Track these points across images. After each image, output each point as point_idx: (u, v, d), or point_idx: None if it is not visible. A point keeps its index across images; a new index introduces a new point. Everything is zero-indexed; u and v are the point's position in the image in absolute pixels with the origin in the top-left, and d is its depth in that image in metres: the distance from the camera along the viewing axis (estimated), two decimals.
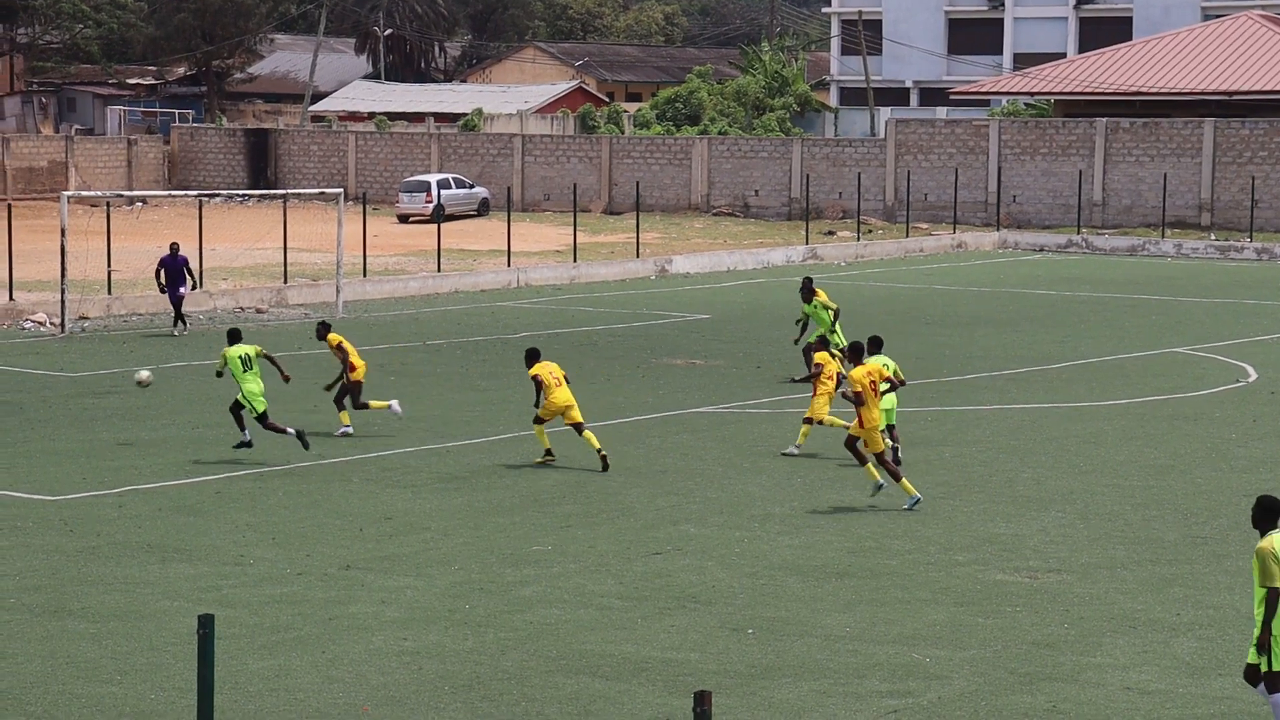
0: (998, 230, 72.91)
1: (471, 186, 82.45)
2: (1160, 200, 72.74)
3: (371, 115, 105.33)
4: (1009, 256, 66.92)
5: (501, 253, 58.94)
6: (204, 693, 9.74)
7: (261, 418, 26.02)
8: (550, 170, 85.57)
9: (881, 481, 23.31)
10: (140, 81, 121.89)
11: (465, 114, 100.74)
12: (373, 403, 28.78)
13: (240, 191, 78.05)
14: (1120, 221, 74.73)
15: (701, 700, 9.81)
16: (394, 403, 28.91)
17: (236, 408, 26.36)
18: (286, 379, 27.70)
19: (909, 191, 75.16)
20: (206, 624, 9.72)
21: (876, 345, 25.37)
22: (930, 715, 15.22)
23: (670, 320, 45.31)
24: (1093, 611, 18.43)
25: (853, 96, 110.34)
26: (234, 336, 27.05)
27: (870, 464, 23.31)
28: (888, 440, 25.59)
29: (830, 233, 73.92)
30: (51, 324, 43.01)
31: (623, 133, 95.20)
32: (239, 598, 18.60)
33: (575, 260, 58.45)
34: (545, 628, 17.64)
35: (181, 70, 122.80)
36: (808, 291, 33.37)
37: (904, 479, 23.38)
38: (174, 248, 41.84)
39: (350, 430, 28.30)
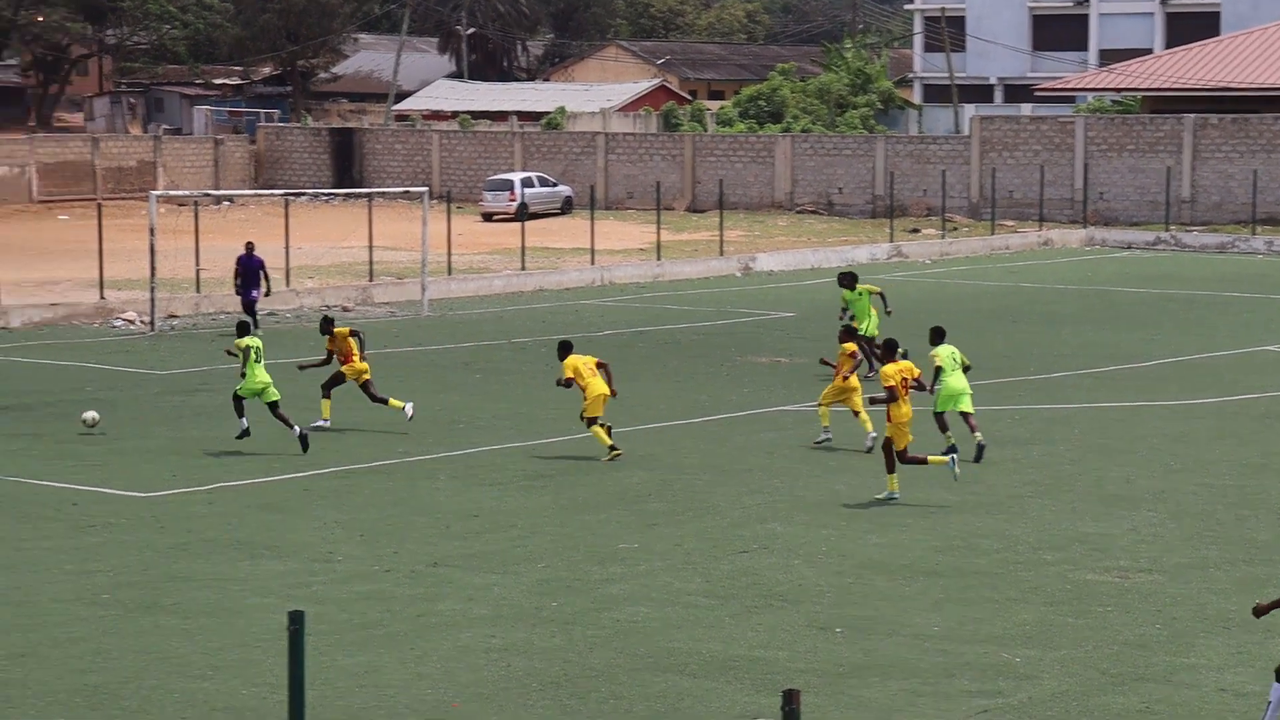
0: (1084, 227, 72.42)
1: (555, 185, 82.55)
2: (1250, 197, 72.03)
3: (455, 114, 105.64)
4: (1096, 254, 66.46)
5: (585, 251, 58.99)
6: (295, 689, 9.77)
7: (273, 405, 26.66)
8: (633, 168, 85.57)
9: (896, 495, 23.25)
10: (226, 81, 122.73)
11: (548, 112, 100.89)
12: (392, 400, 28.79)
13: (325, 190, 78.47)
14: (1209, 218, 74.07)
15: (790, 699, 9.76)
16: (409, 405, 28.66)
17: (238, 397, 26.86)
18: (301, 368, 29.52)
19: (994, 189, 74.74)
20: (297, 620, 9.76)
21: (939, 336, 26.06)
22: (1021, 715, 15.12)
23: (754, 318, 45.22)
24: (1185, 612, 18.27)
25: (936, 93, 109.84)
26: (244, 329, 27.81)
27: (896, 474, 23.32)
28: (977, 436, 25.75)
29: (915, 230, 73.62)
30: (141, 322, 43.35)
31: (705, 130, 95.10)
32: (328, 594, 18.68)
33: (659, 258, 58.44)
34: (632, 625, 17.64)
35: (267, 70, 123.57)
36: (849, 279, 33.86)
37: (895, 475, 23.23)
38: (249, 247, 41.84)
39: (327, 424, 28.35)
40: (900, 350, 24.25)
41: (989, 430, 27.07)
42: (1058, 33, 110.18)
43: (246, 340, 27.00)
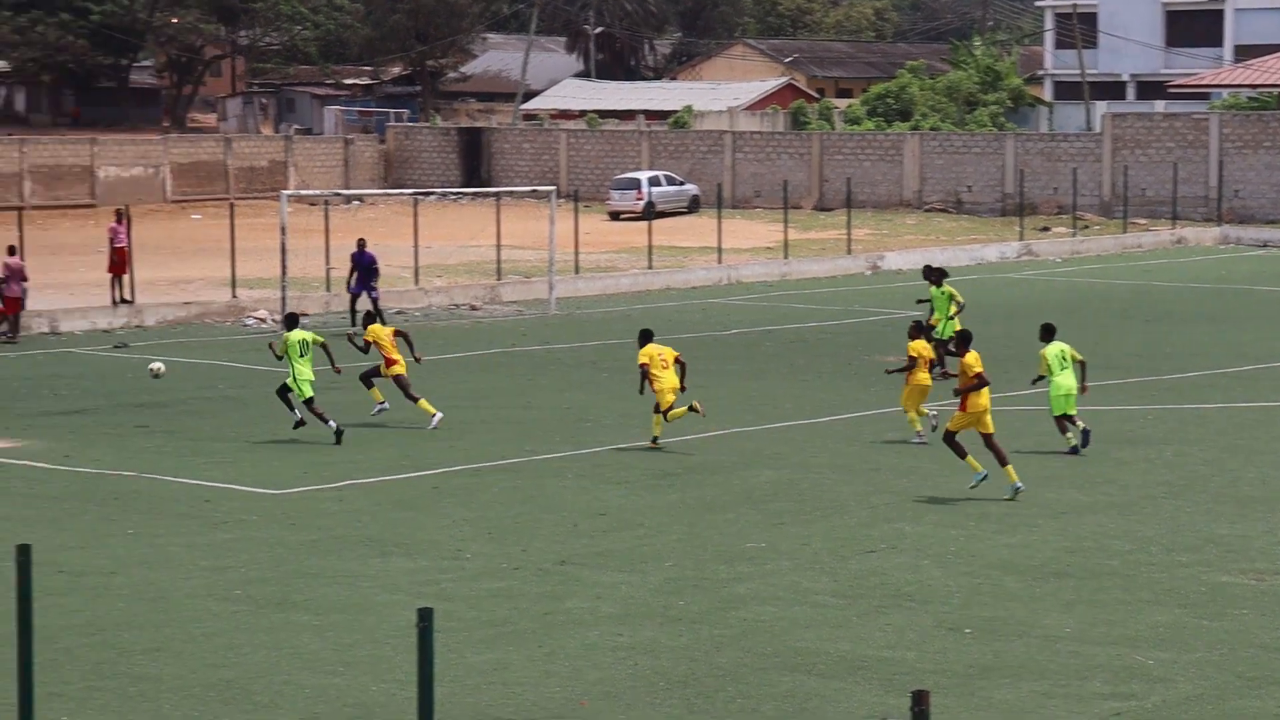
0: (1219, 225, 71.50)
1: (682, 183, 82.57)
2: None
3: (582, 113, 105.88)
4: (1231, 252, 65.60)
5: (712, 249, 58.94)
6: (424, 685, 9.80)
7: (308, 402, 27.25)
8: (760, 167, 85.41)
9: (984, 472, 23.25)
10: (356, 81, 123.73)
11: (675, 111, 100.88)
12: (423, 402, 28.85)
13: (454, 190, 78.86)
14: None
15: (919, 699, 9.68)
16: (438, 416, 28.57)
17: (284, 390, 27.50)
18: (338, 371, 29.27)
19: (1126, 186, 73.96)
20: (426, 617, 9.78)
21: (1049, 334, 26.01)
22: (1154, 719, 14.93)
23: (882, 317, 45.00)
24: None
25: (1067, 91, 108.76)
26: (292, 322, 28.51)
27: (970, 457, 23.32)
28: (1078, 424, 25.82)
29: (1045, 229, 72.99)
30: (272, 320, 43.75)
31: (833, 129, 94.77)
32: (457, 592, 18.76)
33: (786, 257, 58.29)
34: (759, 625, 17.58)
35: (397, 70, 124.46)
36: (937, 275, 33.95)
37: (1010, 465, 23.23)
38: (361, 244, 41.95)
39: (386, 406, 29.01)
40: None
41: (1121, 430, 26.78)
42: (1192, 28, 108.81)
43: (296, 335, 27.71)
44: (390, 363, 28.91)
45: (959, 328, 27.93)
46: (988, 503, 23.14)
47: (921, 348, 27.08)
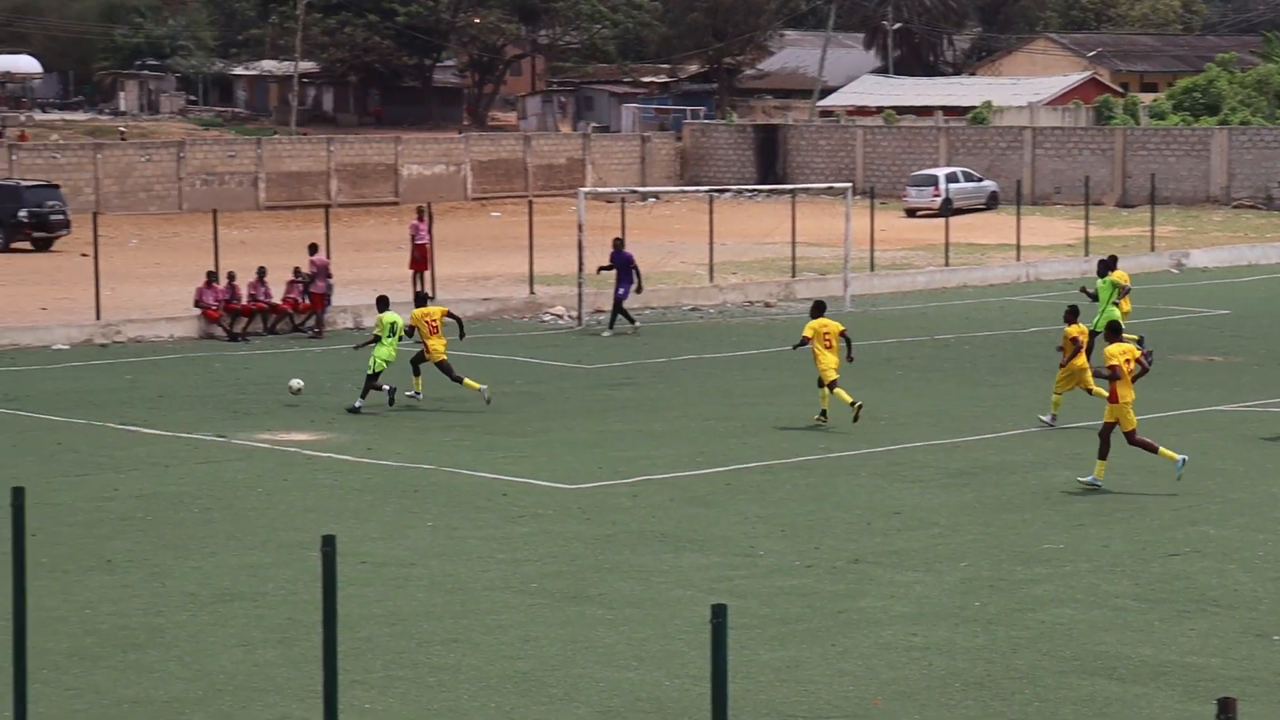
0: None
1: (980, 180, 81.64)
2: None
3: (879, 109, 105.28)
4: None
5: (1010, 247, 58.17)
6: (718, 682, 9.78)
7: (373, 376, 29.49)
8: (1061, 163, 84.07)
9: (1099, 481, 23.24)
10: (654, 79, 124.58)
11: (974, 107, 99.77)
12: (467, 380, 30.29)
13: (749, 187, 78.93)
14: None
15: (1226, 707, 9.39)
16: (485, 388, 30.24)
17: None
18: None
19: None
20: (720, 614, 9.75)
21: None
22: None
23: (1187, 315, 43.99)
24: None
25: None
26: (384, 304, 31.07)
27: (1101, 461, 23.33)
28: None
29: None
30: (569, 317, 44.23)
31: (1137, 124, 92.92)
32: (749, 588, 18.74)
33: (1087, 254, 57.25)
34: (1058, 627, 17.27)
35: (694, 68, 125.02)
36: (1105, 266, 34.41)
37: (1161, 447, 23.45)
38: (618, 243, 41.93)
39: (419, 396, 30.44)
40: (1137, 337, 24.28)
41: None
42: None
43: (389, 316, 30.03)
44: (428, 349, 30.44)
45: (1114, 318, 28.03)
46: None
47: (1077, 331, 27.56)
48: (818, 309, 28.89)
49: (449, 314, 31.45)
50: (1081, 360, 27.48)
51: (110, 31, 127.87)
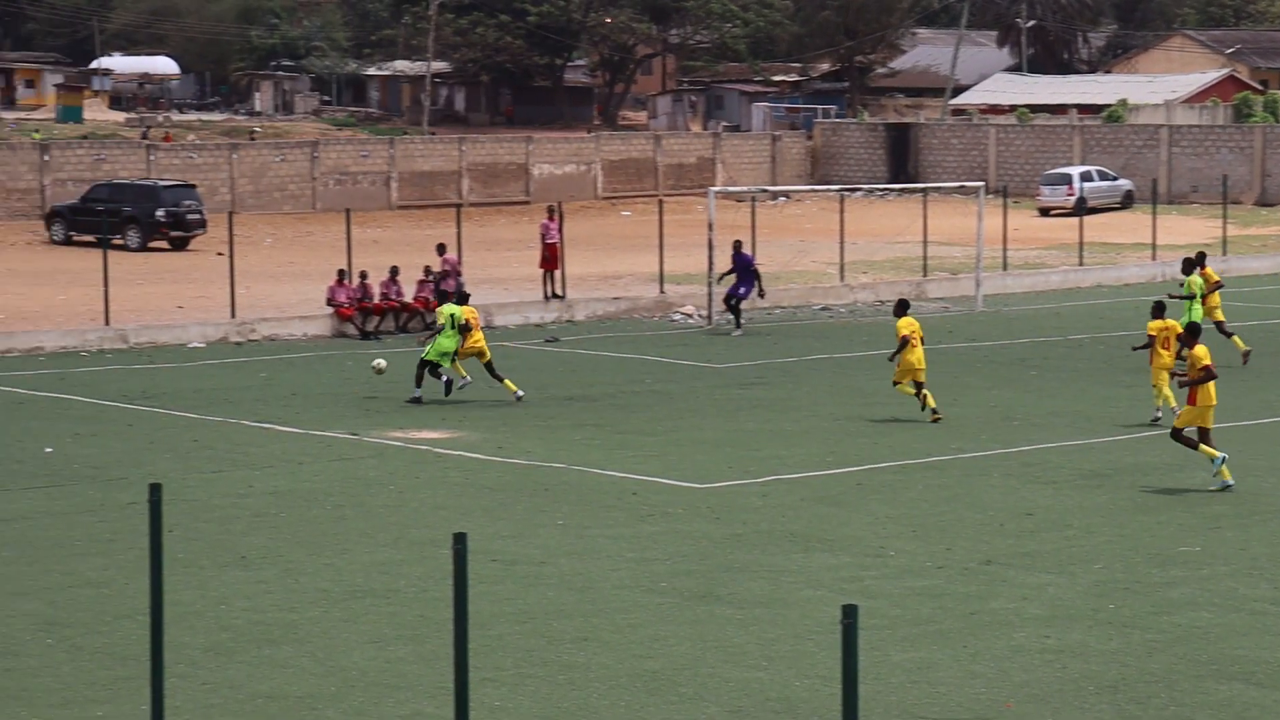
0: None
1: (1115, 178, 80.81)
2: None
3: (1012, 108, 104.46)
4: None
5: (1146, 246, 57.55)
6: (848, 682, 9.72)
7: (427, 364, 30.70)
8: (1198, 161, 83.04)
9: (1223, 454, 23.20)
10: (785, 78, 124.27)
11: (1109, 105, 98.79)
12: (508, 381, 31.25)
13: (880, 186, 78.59)
14: None
15: None
16: (466, 380, 31.44)
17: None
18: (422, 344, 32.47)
19: None
20: (850, 614, 9.70)
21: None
22: None
23: None
24: None
25: None
26: (461, 297, 31.94)
27: (1204, 445, 23.28)
28: None
29: None
30: (699, 316, 44.21)
31: (1277, 121, 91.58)
32: (880, 589, 18.64)
33: (1224, 253, 56.53)
34: (1194, 631, 17.05)
35: (825, 66, 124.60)
36: (1190, 264, 34.34)
37: (1209, 453, 23.29)
38: (738, 245, 41.64)
39: (468, 380, 31.36)
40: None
41: None
42: None
43: (449, 308, 30.96)
44: (467, 340, 31.35)
45: (1193, 319, 27.67)
46: None
47: (1160, 327, 27.41)
48: (902, 307, 29.44)
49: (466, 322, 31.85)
50: (1166, 358, 27.51)
51: (246, 33, 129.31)
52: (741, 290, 40.90)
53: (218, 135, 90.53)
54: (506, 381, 31.21)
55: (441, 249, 42.40)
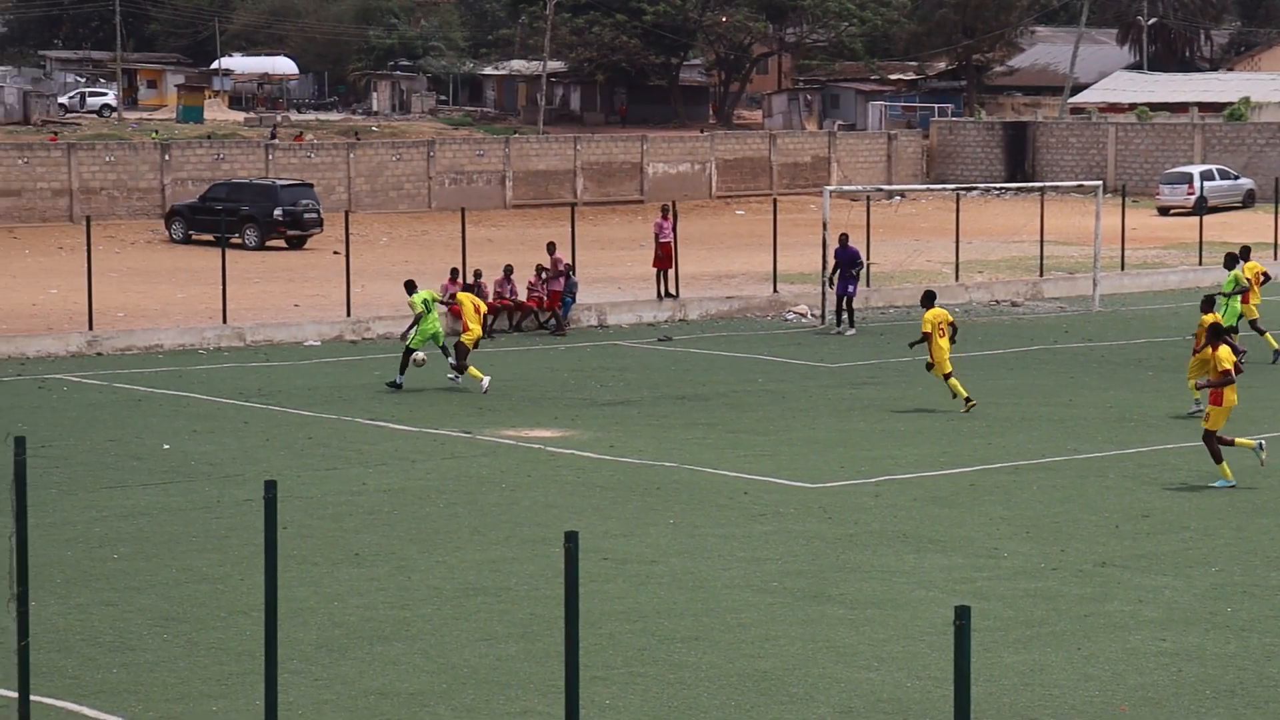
0: None
1: (1236, 178, 79.86)
2: None
3: (1132, 106, 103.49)
4: None
5: (1268, 245, 56.81)
6: (961, 684, 9.66)
7: (411, 352, 31.52)
8: None
9: (1261, 442, 23.42)
10: (901, 77, 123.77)
11: (1231, 103, 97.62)
12: (473, 369, 31.79)
13: (997, 184, 78.10)
14: None
15: None
16: (486, 379, 31.67)
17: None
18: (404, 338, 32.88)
19: None
20: (963, 615, 9.63)
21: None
22: None
23: None
24: None
25: None
26: (411, 287, 32.55)
27: (1225, 464, 23.24)
28: None
29: None
30: (813, 315, 44.08)
31: None
32: (993, 590, 18.51)
33: None
34: None
35: (941, 65, 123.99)
36: (1233, 259, 34.22)
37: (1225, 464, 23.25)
38: (843, 239, 41.43)
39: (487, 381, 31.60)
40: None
41: None
42: None
43: (420, 294, 31.91)
44: (465, 329, 31.89)
45: (1214, 319, 27.29)
46: None
47: (1213, 320, 27.29)
48: (929, 299, 29.68)
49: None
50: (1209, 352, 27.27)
51: (365, 33, 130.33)
52: (850, 289, 40.75)
53: (335, 135, 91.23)
54: (471, 370, 31.96)
55: (552, 248, 42.51)
